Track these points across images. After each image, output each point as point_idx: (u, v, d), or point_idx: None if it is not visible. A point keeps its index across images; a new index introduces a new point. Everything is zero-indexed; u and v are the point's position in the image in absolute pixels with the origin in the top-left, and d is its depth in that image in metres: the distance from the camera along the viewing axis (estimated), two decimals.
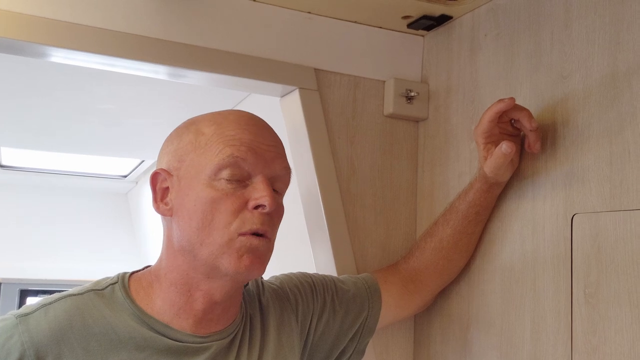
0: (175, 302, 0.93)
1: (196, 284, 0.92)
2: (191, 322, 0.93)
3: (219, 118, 0.94)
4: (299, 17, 1.27)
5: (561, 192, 1.03)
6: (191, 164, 0.91)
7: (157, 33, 1.15)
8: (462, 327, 1.21)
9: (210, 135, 0.91)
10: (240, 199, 0.90)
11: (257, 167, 0.91)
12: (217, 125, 0.93)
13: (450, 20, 1.30)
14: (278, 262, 0.99)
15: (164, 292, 0.93)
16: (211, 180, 0.90)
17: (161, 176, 0.95)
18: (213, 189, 0.89)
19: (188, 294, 0.93)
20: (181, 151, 0.93)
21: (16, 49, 1.11)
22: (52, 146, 2.89)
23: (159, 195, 0.95)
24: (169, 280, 0.93)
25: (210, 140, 0.91)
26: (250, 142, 0.91)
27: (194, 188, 0.90)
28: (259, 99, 1.59)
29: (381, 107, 1.35)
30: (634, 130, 0.93)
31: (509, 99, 1.04)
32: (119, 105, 2.13)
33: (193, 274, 0.92)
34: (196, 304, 0.93)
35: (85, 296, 0.91)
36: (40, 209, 3.73)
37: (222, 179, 0.89)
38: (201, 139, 0.92)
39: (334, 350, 1.11)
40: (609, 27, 0.98)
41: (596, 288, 0.95)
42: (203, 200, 0.89)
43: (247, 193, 0.90)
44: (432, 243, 1.18)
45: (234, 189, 0.90)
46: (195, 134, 0.93)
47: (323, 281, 1.13)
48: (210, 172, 0.90)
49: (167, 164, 0.95)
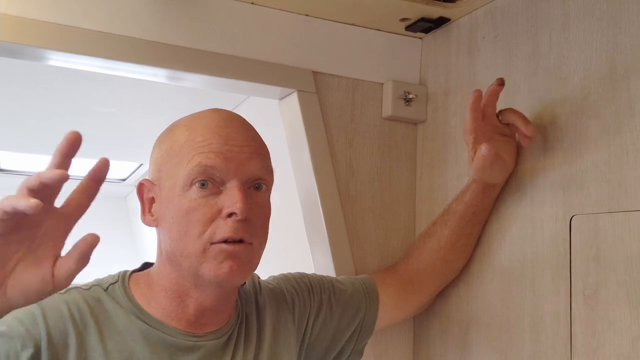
0: (166, 307, 0.93)
1: (186, 292, 0.93)
2: (184, 324, 0.93)
3: (194, 122, 0.93)
4: (297, 19, 1.27)
5: (560, 193, 1.03)
6: (168, 173, 0.91)
7: (156, 36, 1.15)
8: (461, 329, 1.21)
9: (183, 142, 0.91)
10: (213, 208, 0.88)
11: (228, 173, 0.89)
12: (189, 131, 0.91)
13: (448, 23, 1.30)
14: (277, 262, 0.99)
15: (157, 296, 0.94)
16: (184, 191, 0.89)
17: (146, 187, 0.95)
18: (186, 200, 0.88)
19: (179, 300, 0.93)
20: (160, 160, 0.93)
21: (15, 53, 1.11)
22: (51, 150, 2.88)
23: (146, 206, 0.95)
24: (160, 286, 0.94)
25: (182, 148, 0.90)
26: (220, 147, 0.89)
27: (172, 199, 0.90)
28: (258, 101, 1.59)
29: (380, 110, 1.35)
30: (632, 131, 0.93)
31: (475, 91, 1.06)
32: (118, 108, 2.13)
33: (182, 282, 0.92)
34: (188, 309, 0.93)
35: (91, 291, 0.93)
36: None
37: (194, 188, 0.88)
38: (175, 147, 0.91)
39: (331, 350, 1.11)
40: (607, 30, 0.98)
41: (595, 289, 0.95)
42: (178, 212, 0.89)
43: (220, 201, 0.88)
44: (430, 244, 1.19)
45: (207, 197, 0.88)
46: (171, 142, 0.93)
47: (320, 281, 1.13)
48: (183, 182, 0.89)
49: (151, 173, 0.95)
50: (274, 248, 0.96)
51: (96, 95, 1.96)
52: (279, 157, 1.33)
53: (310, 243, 1.30)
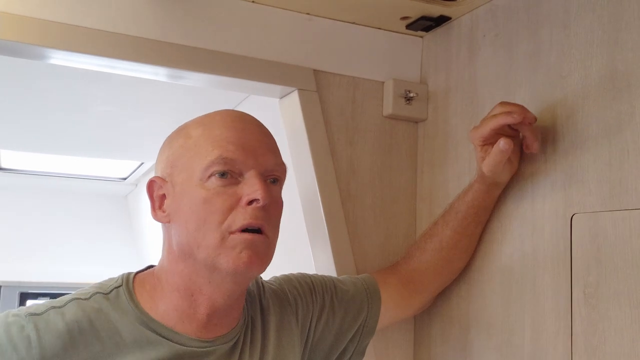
0: (178, 307, 0.92)
1: (199, 289, 0.92)
2: (195, 327, 0.93)
3: (206, 119, 0.94)
4: (298, 18, 1.27)
5: (560, 192, 1.03)
6: (183, 168, 0.91)
7: (157, 35, 1.15)
8: (462, 328, 1.21)
9: (198, 137, 0.91)
10: (233, 197, 0.89)
11: (247, 163, 0.90)
12: (204, 126, 0.93)
13: (449, 21, 1.30)
14: (278, 263, 0.99)
15: (167, 297, 0.93)
16: (202, 182, 0.89)
17: (157, 184, 0.95)
18: (205, 190, 0.89)
19: (191, 299, 0.92)
20: (173, 157, 0.94)
21: (15, 51, 1.11)
22: (51, 149, 2.89)
23: (156, 203, 0.95)
24: (171, 285, 0.93)
25: (198, 142, 0.91)
26: (238, 139, 0.90)
27: (188, 191, 0.90)
28: (258, 100, 1.59)
29: (380, 108, 1.35)
30: (633, 129, 0.93)
31: (518, 113, 1.01)
32: (119, 107, 2.13)
33: (195, 278, 0.92)
34: (200, 308, 0.93)
35: (91, 300, 0.91)
36: (40, 211, 3.73)
37: (212, 179, 0.89)
38: (190, 142, 0.92)
39: (334, 350, 1.11)
40: (608, 27, 0.98)
41: (596, 288, 0.95)
42: (196, 202, 0.89)
43: (240, 190, 0.89)
44: (432, 244, 1.18)
45: (226, 187, 0.89)
46: (184, 138, 0.93)
47: (322, 281, 1.13)
48: (201, 173, 0.89)
49: (162, 171, 0.95)
50: (276, 247, 0.96)
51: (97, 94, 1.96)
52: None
53: (311, 242, 1.30)
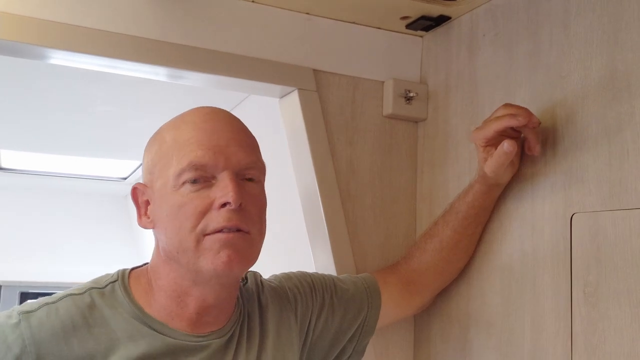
0: (167, 307, 0.93)
1: (186, 291, 0.93)
2: (185, 324, 0.93)
3: (179, 121, 0.94)
4: (298, 18, 1.27)
5: (560, 191, 1.03)
6: (159, 175, 0.92)
7: (157, 34, 1.15)
8: (461, 327, 1.21)
9: (170, 143, 0.92)
10: (206, 200, 0.89)
11: (218, 166, 0.89)
12: (175, 130, 0.93)
13: (448, 21, 1.30)
14: (278, 262, 0.99)
15: (156, 296, 0.94)
16: (176, 188, 0.90)
17: (140, 190, 0.96)
18: (179, 196, 0.89)
19: (179, 300, 0.93)
20: (151, 163, 0.94)
21: (15, 51, 1.11)
22: (52, 148, 2.89)
23: (142, 209, 0.96)
24: (159, 286, 0.94)
25: (170, 148, 0.91)
26: (208, 141, 0.90)
27: (165, 198, 0.91)
28: (258, 100, 1.59)
29: (380, 108, 1.35)
30: (633, 129, 0.93)
31: (523, 117, 1.00)
32: (119, 107, 2.13)
33: (181, 281, 0.92)
34: (188, 308, 0.93)
35: (85, 295, 0.92)
36: (40, 211, 3.73)
37: (186, 185, 0.89)
38: (163, 149, 0.92)
39: (333, 349, 1.11)
40: (608, 27, 0.98)
41: (596, 287, 0.95)
42: (172, 208, 0.89)
43: (213, 193, 0.89)
44: (432, 244, 1.18)
45: (199, 191, 0.89)
46: (159, 144, 0.94)
47: (322, 280, 1.13)
48: (174, 181, 0.90)
49: (144, 177, 0.96)
50: (275, 247, 0.96)
51: (97, 94, 1.96)
52: (280, 156, 1.33)
53: (311, 241, 1.30)
